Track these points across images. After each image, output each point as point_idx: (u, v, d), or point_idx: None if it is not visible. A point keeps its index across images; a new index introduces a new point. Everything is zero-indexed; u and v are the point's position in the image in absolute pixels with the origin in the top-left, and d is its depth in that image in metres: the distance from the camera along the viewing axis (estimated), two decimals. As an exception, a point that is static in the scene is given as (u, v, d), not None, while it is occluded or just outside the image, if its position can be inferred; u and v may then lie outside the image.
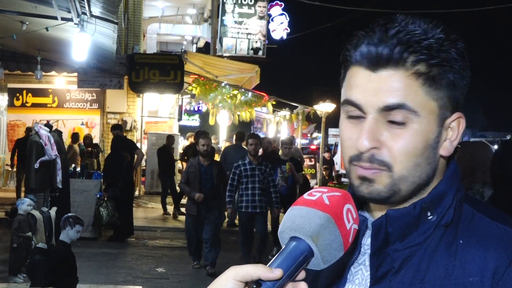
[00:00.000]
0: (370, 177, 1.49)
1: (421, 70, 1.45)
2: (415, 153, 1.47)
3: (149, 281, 10.84)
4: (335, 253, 1.35)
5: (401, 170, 1.48)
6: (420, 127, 1.47)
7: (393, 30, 1.46)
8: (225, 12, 25.60)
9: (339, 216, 1.35)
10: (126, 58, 17.92)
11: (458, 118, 1.54)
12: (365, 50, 1.47)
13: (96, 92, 20.13)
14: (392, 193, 1.49)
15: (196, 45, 31.79)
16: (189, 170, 11.63)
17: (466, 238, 1.51)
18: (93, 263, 11.87)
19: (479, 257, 1.47)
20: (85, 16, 12.47)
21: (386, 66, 1.45)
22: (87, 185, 14.40)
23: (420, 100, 1.46)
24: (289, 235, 1.35)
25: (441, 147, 1.53)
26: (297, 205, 1.38)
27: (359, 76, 1.49)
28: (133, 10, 21.22)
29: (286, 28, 27.97)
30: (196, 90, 18.71)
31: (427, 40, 1.45)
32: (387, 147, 1.47)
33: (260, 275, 1.28)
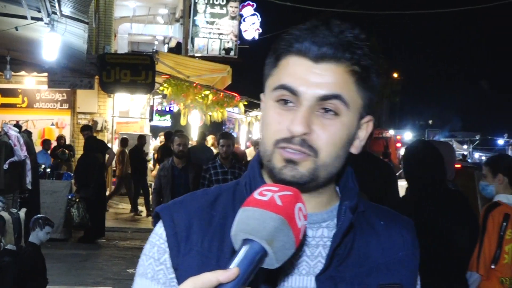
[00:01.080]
0: (296, 160, 1.55)
1: (356, 69, 1.58)
2: (339, 144, 1.58)
3: (120, 282, 10.83)
4: (288, 252, 1.37)
5: (325, 158, 1.57)
6: (347, 121, 1.58)
7: (337, 29, 1.57)
8: (196, 12, 25.59)
9: (292, 216, 1.36)
10: (97, 58, 17.81)
11: (369, 120, 1.69)
12: (309, 43, 1.56)
13: (67, 92, 20.01)
14: (313, 178, 1.57)
15: (168, 45, 31.75)
16: (160, 174, 10.41)
17: (383, 220, 1.73)
18: (63, 265, 11.81)
19: (398, 234, 1.72)
20: (55, 15, 12.37)
21: (329, 60, 1.56)
22: (57, 186, 14.30)
23: (352, 95, 1.58)
24: (243, 238, 1.35)
25: (352, 145, 1.66)
26: (249, 205, 1.38)
27: (301, 66, 1.58)
28: (104, 10, 21.12)
29: (258, 29, 28.04)
30: (167, 90, 18.70)
31: (362, 43, 1.58)
32: (317, 135, 1.55)
33: (219, 279, 1.28)
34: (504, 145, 74.75)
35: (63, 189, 14.27)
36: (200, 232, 1.64)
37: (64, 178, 14.71)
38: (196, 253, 1.62)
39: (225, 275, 1.28)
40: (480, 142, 75.56)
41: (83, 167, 14.33)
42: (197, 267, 1.54)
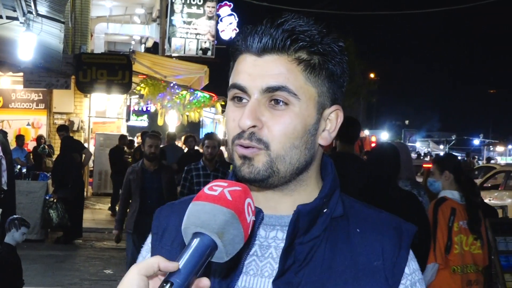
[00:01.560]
0: (249, 156, 1.55)
1: (302, 57, 1.56)
2: (294, 134, 1.55)
3: (97, 283, 10.77)
4: (237, 246, 1.39)
5: (278, 150, 1.55)
6: (300, 110, 1.55)
7: (279, 21, 1.56)
8: (173, 12, 25.58)
9: (241, 211, 1.38)
10: (73, 58, 17.81)
11: (336, 110, 1.64)
12: (252, 38, 1.57)
13: (43, 92, 19.90)
14: (271, 173, 1.56)
15: (145, 45, 31.70)
16: (129, 178, 9.42)
17: (361, 227, 1.64)
18: (40, 266, 11.75)
19: (377, 242, 1.61)
20: (31, 15, 12.39)
21: (270, 52, 1.55)
22: (33, 186, 14.21)
23: (301, 84, 1.55)
24: (193, 231, 1.37)
25: (320, 136, 1.63)
26: (199, 200, 1.39)
27: (246, 62, 1.59)
28: (80, 10, 21.08)
29: (235, 29, 28.05)
30: (144, 90, 18.68)
31: (310, 31, 1.56)
32: (267, 127, 1.54)
33: (160, 265, 1.31)
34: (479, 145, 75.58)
35: (39, 190, 14.17)
36: (174, 232, 1.69)
37: (40, 178, 14.61)
38: (166, 251, 1.66)
39: (165, 264, 1.31)
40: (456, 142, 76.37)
41: (60, 167, 14.23)
42: None
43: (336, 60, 1.60)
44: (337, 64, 1.61)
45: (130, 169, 9.60)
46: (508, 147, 72.34)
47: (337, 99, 1.65)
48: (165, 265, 1.31)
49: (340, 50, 1.61)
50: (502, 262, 7.61)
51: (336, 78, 1.62)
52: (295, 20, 1.57)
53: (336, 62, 1.60)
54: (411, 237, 1.65)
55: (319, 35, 1.57)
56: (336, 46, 1.60)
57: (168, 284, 1.29)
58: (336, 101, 1.65)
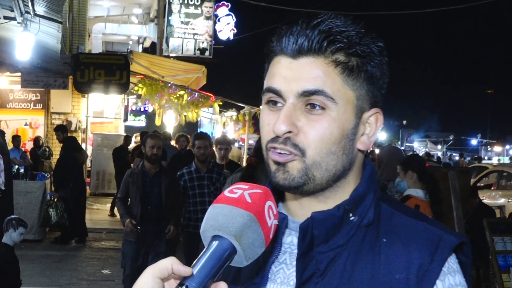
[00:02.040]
0: (283, 162, 1.51)
1: (340, 59, 1.50)
2: (331, 140, 1.51)
3: (94, 283, 10.77)
4: (257, 250, 1.36)
5: (314, 156, 1.50)
6: (337, 115, 1.50)
7: (315, 21, 1.52)
8: (171, 12, 25.57)
9: (261, 214, 1.36)
10: (71, 58, 17.79)
11: (375, 113, 1.59)
12: (287, 39, 1.52)
13: (40, 92, 19.90)
14: (306, 180, 1.51)
15: (142, 45, 31.70)
16: (128, 181, 8.77)
17: (389, 237, 1.54)
18: (37, 266, 11.75)
19: (403, 254, 1.51)
20: (28, 15, 12.37)
21: (306, 54, 1.51)
22: (30, 186, 14.19)
23: (338, 88, 1.50)
24: (212, 234, 1.35)
25: (358, 140, 1.57)
26: (218, 202, 1.38)
27: (281, 64, 1.54)
28: (78, 10, 21.10)
29: (233, 29, 28.03)
30: (142, 91, 18.67)
31: (347, 32, 1.50)
32: (303, 132, 1.50)
33: (173, 267, 1.30)
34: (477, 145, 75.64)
35: (37, 190, 14.17)
36: None
37: (37, 178, 14.60)
38: None
39: (177, 267, 1.30)
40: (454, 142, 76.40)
41: (62, 167, 14.23)
42: None
43: (375, 61, 1.55)
44: (376, 66, 1.56)
45: (129, 172, 8.95)
46: (505, 147, 72.40)
47: (376, 102, 1.60)
48: (178, 268, 1.30)
49: (380, 51, 1.56)
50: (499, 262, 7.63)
51: (376, 80, 1.57)
52: (332, 20, 1.53)
53: (375, 63, 1.55)
54: (450, 250, 1.52)
55: (357, 35, 1.52)
56: (375, 47, 1.55)
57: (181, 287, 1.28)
58: (376, 104, 1.59)
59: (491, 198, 17.80)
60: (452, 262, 1.53)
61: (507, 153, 68.01)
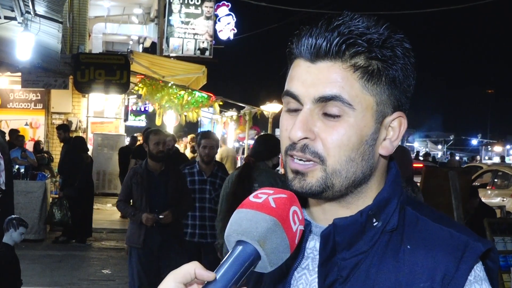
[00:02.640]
0: (302, 171, 1.49)
1: (359, 64, 1.45)
2: (349, 146, 1.47)
3: (95, 283, 10.76)
4: (282, 256, 1.34)
5: (334, 164, 1.47)
6: (355, 121, 1.46)
7: (336, 23, 1.46)
8: (171, 12, 25.58)
9: (286, 219, 1.34)
10: (71, 58, 17.80)
11: (399, 117, 1.53)
12: (306, 42, 1.48)
13: (41, 92, 19.91)
14: (325, 188, 1.49)
15: (143, 45, 31.72)
16: (132, 182, 7.85)
17: (414, 243, 1.51)
18: (38, 266, 11.74)
19: (428, 262, 1.47)
20: (29, 15, 12.41)
21: (324, 58, 1.46)
22: (31, 186, 14.19)
23: (357, 93, 1.46)
24: (236, 239, 1.34)
25: (380, 145, 1.53)
26: (243, 207, 1.36)
27: (299, 68, 1.50)
28: (78, 9, 21.12)
29: (233, 29, 28.06)
30: (142, 90, 18.69)
31: (369, 34, 1.45)
32: (321, 139, 1.46)
33: (196, 271, 1.28)
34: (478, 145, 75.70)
35: (37, 190, 14.16)
36: None
37: (38, 178, 14.59)
38: None
39: (200, 272, 1.28)
40: (454, 142, 76.47)
41: (69, 166, 14.27)
42: None
43: (398, 64, 1.49)
44: (400, 69, 1.49)
45: (131, 172, 8.00)
46: (506, 147, 72.38)
47: (400, 105, 1.54)
48: (200, 272, 1.29)
49: (404, 53, 1.49)
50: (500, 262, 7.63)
51: (399, 83, 1.51)
52: (353, 21, 1.47)
53: (398, 67, 1.49)
54: (476, 257, 1.48)
55: (379, 38, 1.46)
56: (400, 49, 1.49)
57: None
58: (400, 107, 1.54)
59: (487, 197, 17.92)
60: (478, 270, 1.50)
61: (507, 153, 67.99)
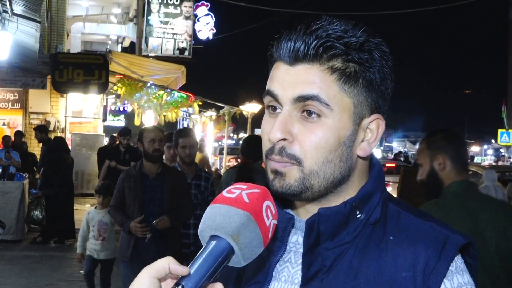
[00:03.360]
0: (281, 171, 1.51)
1: (336, 66, 1.47)
2: (327, 148, 1.49)
3: (73, 283, 10.70)
4: (255, 250, 1.35)
5: (311, 165, 1.49)
6: (333, 122, 1.48)
7: (314, 26, 1.48)
8: (150, 11, 25.63)
9: (259, 213, 1.35)
10: (50, 58, 17.80)
11: (376, 119, 1.55)
12: (285, 46, 1.50)
13: (18, 92, 19.84)
14: (304, 189, 1.50)
15: (121, 44, 31.69)
16: (123, 185, 6.88)
17: (396, 235, 1.53)
18: (15, 266, 11.68)
19: (410, 252, 1.50)
20: (6, 14, 12.37)
21: (302, 60, 1.48)
22: (9, 186, 14.11)
23: (334, 94, 1.47)
24: (209, 234, 1.35)
25: (358, 147, 1.55)
26: (216, 203, 1.37)
27: (279, 70, 1.52)
28: (57, 9, 21.09)
29: (212, 29, 28.12)
30: (121, 90, 18.67)
31: (346, 38, 1.47)
32: (299, 141, 1.48)
33: (170, 266, 1.28)
34: (455, 145, 76.41)
35: (15, 190, 14.08)
36: None
37: (16, 178, 14.50)
38: None
39: (175, 267, 1.28)
40: (432, 142, 77.11)
41: (49, 166, 14.20)
42: None
43: (375, 67, 1.51)
44: (377, 72, 1.52)
45: (124, 174, 6.98)
46: (483, 147, 72.99)
47: (378, 107, 1.56)
48: (175, 267, 1.29)
49: (381, 56, 1.52)
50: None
51: (376, 86, 1.53)
52: (331, 25, 1.49)
53: (375, 69, 1.51)
54: (457, 249, 1.52)
55: (356, 41, 1.48)
56: (377, 52, 1.51)
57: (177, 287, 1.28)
58: (377, 109, 1.56)
59: None
60: (459, 261, 1.53)
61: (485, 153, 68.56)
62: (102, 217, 8.71)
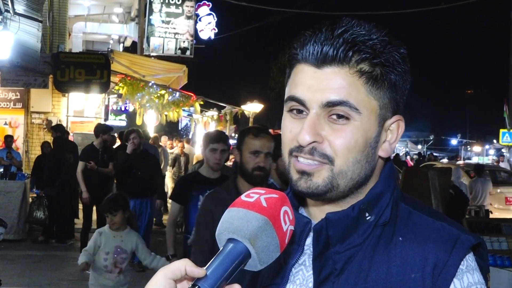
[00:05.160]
0: (309, 171, 1.51)
1: (364, 69, 1.49)
2: (356, 148, 1.51)
3: (74, 283, 10.75)
4: (272, 255, 1.36)
5: (341, 165, 1.51)
6: (361, 124, 1.50)
7: (339, 29, 1.49)
8: (152, 11, 25.63)
9: (277, 218, 1.36)
10: (51, 57, 17.81)
11: (397, 120, 1.59)
12: (311, 48, 1.50)
13: (20, 91, 19.81)
14: (330, 188, 1.52)
15: (123, 44, 31.68)
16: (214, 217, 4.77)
17: (405, 235, 1.55)
18: (17, 266, 11.77)
19: (419, 253, 1.51)
20: (8, 14, 12.41)
21: (331, 64, 1.49)
22: (10, 186, 14.20)
23: (362, 98, 1.50)
24: (227, 237, 1.35)
25: (380, 148, 1.58)
26: (235, 206, 1.38)
27: (304, 73, 1.52)
28: (58, 8, 21.12)
29: (214, 28, 28.10)
30: (123, 90, 18.68)
31: (372, 41, 1.49)
32: (328, 141, 1.50)
33: (186, 269, 1.29)
34: (457, 145, 76.22)
35: (16, 189, 14.15)
36: None
37: (17, 178, 14.58)
38: None
39: (191, 269, 1.29)
40: (434, 142, 76.95)
41: (50, 165, 14.24)
42: None
43: (398, 69, 1.54)
44: (399, 74, 1.55)
45: (210, 200, 4.96)
46: (485, 147, 72.87)
47: (398, 109, 1.60)
48: (191, 269, 1.29)
49: (402, 58, 1.55)
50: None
51: (398, 88, 1.56)
52: (356, 28, 1.51)
53: (398, 72, 1.54)
54: (467, 248, 1.53)
55: (380, 44, 1.51)
56: (398, 55, 1.54)
57: None
58: (398, 111, 1.60)
59: None
60: (470, 260, 1.53)
61: (486, 153, 68.44)
62: (121, 242, 6.65)
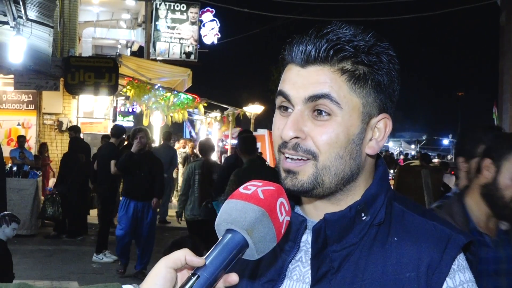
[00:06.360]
0: (294, 170, 1.56)
1: (346, 67, 1.53)
2: (338, 144, 1.53)
3: (84, 277, 10.81)
4: (269, 244, 1.40)
5: (325, 160, 1.53)
6: (342, 120, 1.53)
7: (325, 31, 1.54)
8: (158, 17, 25.74)
9: (273, 209, 1.39)
10: (62, 61, 17.89)
11: (384, 118, 1.61)
12: (297, 49, 1.56)
13: (33, 94, 19.89)
14: (315, 185, 1.55)
15: (131, 49, 31.67)
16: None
17: (400, 236, 1.58)
18: (29, 260, 11.89)
19: (414, 253, 1.54)
20: (21, 19, 12.52)
21: (313, 63, 1.54)
22: (23, 184, 14.42)
23: (344, 94, 1.52)
24: (225, 228, 1.40)
25: (366, 145, 1.60)
26: (233, 198, 1.42)
27: (291, 72, 1.58)
28: (69, 15, 21.25)
29: (217, 34, 28.05)
30: (130, 92, 18.85)
31: (356, 41, 1.53)
32: (311, 137, 1.53)
33: (186, 258, 1.36)
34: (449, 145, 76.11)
35: (29, 187, 14.40)
36: None
37: (30, 176, 14.80)
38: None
39: (191, 258, 1.35)
40: (426, 142, 76.66)
41: (62, 164, 14.63)
42: None
43: (383, 70, 1.56)
44: (385, 74, 1.56)
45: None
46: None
47: (386, 108, 1.60)
48: (191, 259, 1.34)
49: (389, 60, 1.57)
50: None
51: (384, 87, 1.57)
52: (341, 29, 1.54)
53: (383, 72, 1.56)
54: (459, 248, 1.56)
55: (365, 45, 1.53)
56: (385, 56, 1.56)
57: (195, 277, 1.33)
58: (385, 110, 1.60)
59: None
60: (461, 259, 1.57)
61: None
62: None
